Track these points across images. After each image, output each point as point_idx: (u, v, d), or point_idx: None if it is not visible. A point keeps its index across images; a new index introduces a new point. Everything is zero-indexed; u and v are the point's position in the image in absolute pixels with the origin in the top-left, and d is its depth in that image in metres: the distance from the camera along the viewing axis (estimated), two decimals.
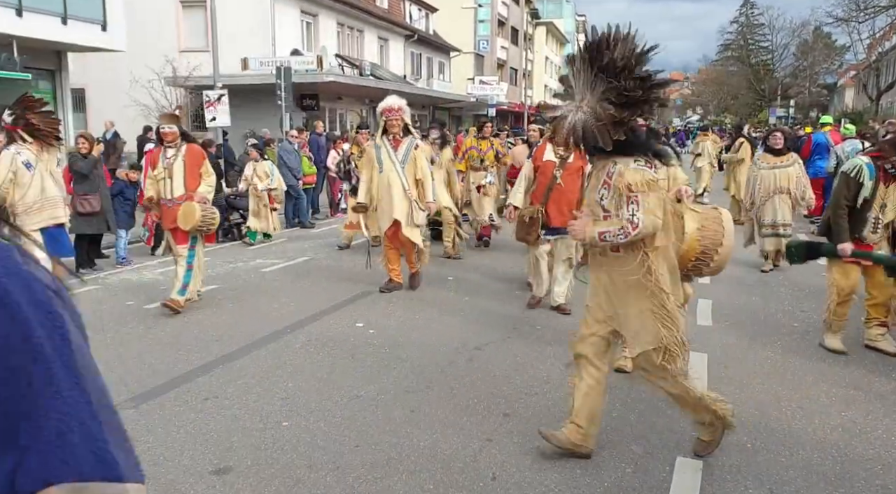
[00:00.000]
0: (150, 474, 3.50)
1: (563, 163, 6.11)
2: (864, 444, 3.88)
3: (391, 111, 7.05)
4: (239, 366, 5.13)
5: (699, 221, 3.97)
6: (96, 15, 15.11)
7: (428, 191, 7.21)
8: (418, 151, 7.18)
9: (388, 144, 7.12)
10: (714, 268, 4.07)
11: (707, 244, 3.95)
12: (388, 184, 7.10)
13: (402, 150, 7.13)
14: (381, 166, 7.12)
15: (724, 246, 3.96)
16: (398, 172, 7.10)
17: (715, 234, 3.95)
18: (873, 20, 28.37)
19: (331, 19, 24.88)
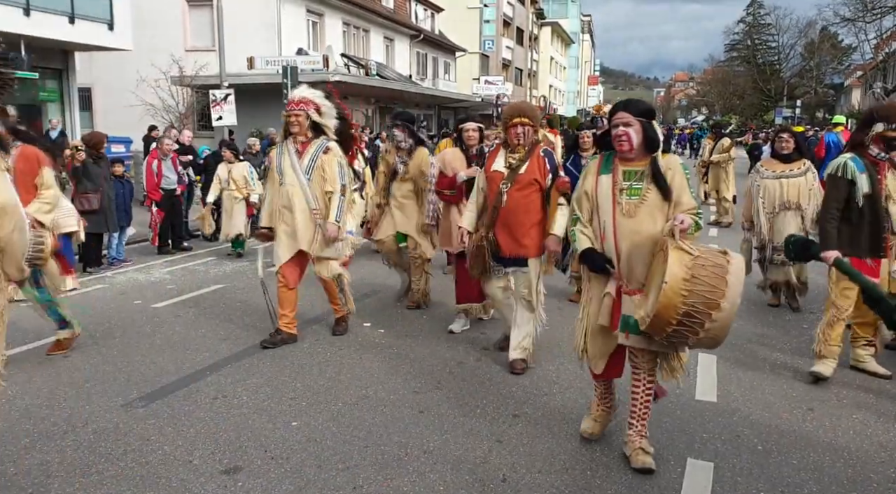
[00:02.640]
0: (160, 474, 3.51)
1: (513, 175, 4.75)
2: (876, 447, 3.86)
3: (290, 104, 5.47)
4: (247, 366, 5.13)
5: (690, 268, 3.02)
6: (103, 14, 15.14)
7: (332, 208, 5.42)
8: (328, 157, 5.44)
9: (291, 149, 5.49)
10: (705, 339, 3.12)
11: (696, 303, 3.00)
12: (289, 200, 5.44)
13: (308, 157, 5.43)
14: (283, 177, 5.47)
15: (722, 309, 3.00)
16: (302, 185, 5.42)
17: (712, 291, 3.00)
18: (880, 20, 28.29)
19: (336, 19, 24.90)
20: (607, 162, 3.52)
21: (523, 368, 4.92)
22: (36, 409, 4.31)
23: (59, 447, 3.81)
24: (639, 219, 3.36)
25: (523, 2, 47.66)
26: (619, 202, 3.40)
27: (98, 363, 5.21)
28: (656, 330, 3.14)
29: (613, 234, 3.42)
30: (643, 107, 3.45)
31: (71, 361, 5.25)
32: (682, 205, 3.34)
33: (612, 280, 3.49)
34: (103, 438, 3.91)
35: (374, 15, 27.04)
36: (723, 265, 3.06)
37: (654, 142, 3.38)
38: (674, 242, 3.11)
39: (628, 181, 3.40)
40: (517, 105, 4.99)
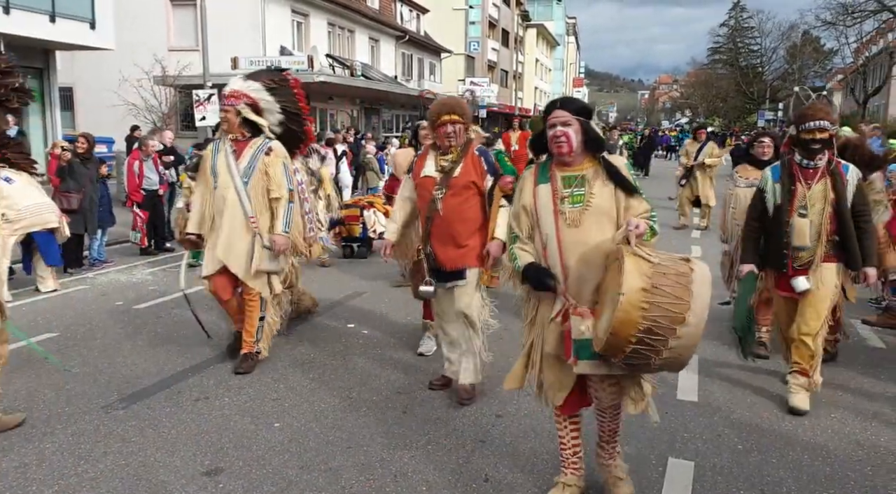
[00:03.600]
0: (141, 475, 3.48)
1: (447, 180, 4.25)
2: (854, 445, 3.90)
3: (224, 98, 4.89)
4: (230, 367, 5.09)
5: (650, 277, 2.66)
6: (85, 13, 15.00)
7: (280, 217, 4.88)
8: (271, 159, 4.86)
9: (228, 148, 4.88)
10: (670, 360, 2.72)
11: (658, 317, 2.62)
12: (222, 206, 4.86)
13: (247, 158, 4.84)
14: (216, 180, 4.87)
15: (687, 324, 2.63)
16: (238, 190, 4.81)
17: (675, 303, 2.63)
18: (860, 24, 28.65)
19: (321, 19, 24.83)
20: (543, 170, 3.15)
21: (471, 396, 4.39)
22: (14, 411, 4.26)
23: (37, 449, 3.77)
24: (584, 229, 2.99)
25: (509, 3, 47.80)
26: (562, 211, 3.02)
27: (78, 364, 5.16)
28: (613, 351, 2.73)
29: (558, 248, 3.02)
30: (580, 104, 3.11)
31: (51, 363, 5.19)
32: (633, 208, 3.00)
33: (558, 301, 3.07)
34: (83, 440, 3.88)
35: (360, 15, 27.01)
36: (686, 273, 2.69)
37: (598, 141, 3.06)
38: (629, 249, 2.74)
39: (569, 188, 3.04)
40: (445, 101, 4.43)
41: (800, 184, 4.26)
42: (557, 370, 3.15)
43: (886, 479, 3.52)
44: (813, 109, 4.26)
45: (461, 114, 4.26)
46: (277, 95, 5.02)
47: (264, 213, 4.91)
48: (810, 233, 4.21)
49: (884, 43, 32.56)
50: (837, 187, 4.19)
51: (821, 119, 4.14)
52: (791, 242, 4.26)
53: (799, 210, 4.22)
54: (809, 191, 4.23)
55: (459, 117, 4.24)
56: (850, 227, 4.19)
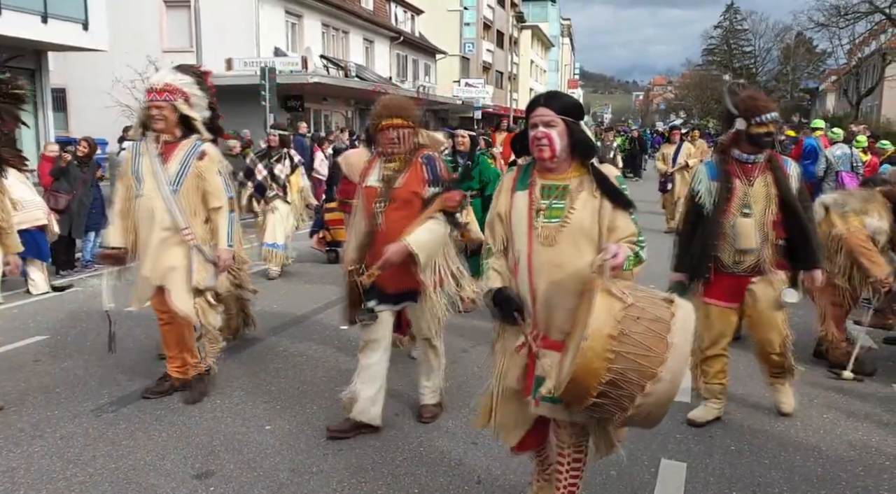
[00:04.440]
0: (131, 478, 3.46)
1: (388, 191, 3.78)
2: (846, 446, 3.91)
3: (150, 93, 4.28)
4: (221, 370, 5.06)
5: (620, 322, 2.28)
6: (78, 14, 14.93)
7: (222, 229, 4.36)
8: (205, 163, 4.31)
9: (153, 150, 4.32)
10: (637, 418, 2.36)
11: (625, 370, 2.26)
12: (149, 216, 4.29)
13: (177, 162, 4.28)
14: (140, 186, 4.29)
15: (659, 380, 2.25)
16: (165, 198, 4.25)
17: (646, 355, 2.26)
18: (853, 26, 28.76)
19: (315, 20, 24.81)
20: (525, 175, 2.75)
21: (435, 414, 4.19)
22: (3, 415, 4.23)
23: (25, 453, 3.74)
24: (559, 249, 2.60)
25: (503, 5, 47.84)
26: (536, 226, 2.63)
27: (69, 367, 5.13)
28: (574, 400, 2.41)
29: (528, 268, 2.65)
30: (569, 102, 2.67)
31: (41, 366, 5.16)
32: (617, 230, 2.59)
33: (525, 328, 2.73)
34: (72, 443, 3.85)
35: (354, 16, 27.00)
36: (664, 319, 2.30)
37: (586, 146, 2.64)
38: (602, 283, 2.36)
39: (548, 199, 2.65)
40: (388, 102, 3.87)
41: (739, 182, 3.86)
42: (515, 407, 2.82)
43: (878, 479, 3.53)
44: (762, 101, 3.88)
45: (406, 117, 3.79)
46: (203, 90, 4.52)
47: (198, 224, 4.35)
48: (755, 234, 3.84)
49: (876, 44, 32.72)
50: (781, 182, 3.84)
51: (771, 110, 3.84)
52: (735, 245, 3.86)
53: (742, 209, 3.84)
54: (751, 188, 3.85)
55: (404, 121, 3.77)
56: (801, 224, 3.86)
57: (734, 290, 3.97)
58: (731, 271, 3.92)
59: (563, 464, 2.80)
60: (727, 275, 3.93)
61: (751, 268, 3.90)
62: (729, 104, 3.93)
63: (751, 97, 3.91)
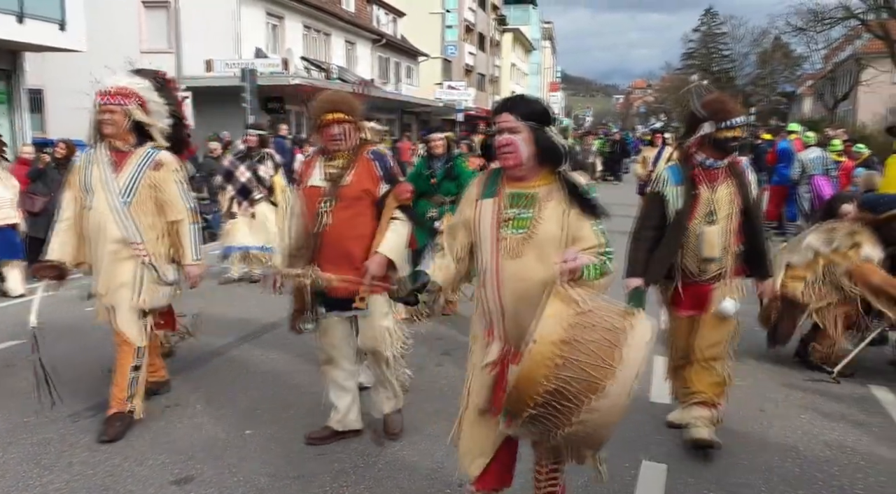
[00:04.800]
0: (108, 485, 3.42)
1: (335, 190, 3.61)
2: (822, 446, 3.96)
3: (102, 96, 3.97)
4: (201, 374, 5.03)
5: (572, 327, 2.17)
6: (54, 14, 14.74)
7: (187, 243, 4.13)
8: (161, 174, 4.03)
9: (104, 159, 4.02)
10: (580, 436, 2.23)
11: (570, 379, 2.11)
12: (98, 229, 3.99)
13: (129, 172, 3.99)
14: (90, 198, 3.99)
15: (606, 394, 2.12)
16: (116, 210, 3.94)
17: (595, 366, 2.13)
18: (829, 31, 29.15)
19: (297, 22, 24.70)
20: (492, 182, 2.62)
21: (399, 424, 3.97)
22: None
23: (0, 460, 3.68)
24: (525, 262, 2.48)
25: (485, 8, 47.98)
26: (502, 237, 2.52)
27: None
28: (514, 409, 2.23)
29: (495, 281, 2.54)
30: (534, 107, 2.55)
31: (16, 370, 5.09)
32: (581, 241, 2.48)
33: (495, 342, 2.61)
34: (48, 449, 3.80)
35: (335, 18, 26.91)
36: (620, 330, 2.16)
37: (553, 153, 2.50)
38: (557, 287, 2.25)
39: (515, 208, 2.53)
40: (329, 97, 3.70)
41: (703, 188, 3.70)
42: (479, 430, 2.66)
43: (852, 478, 3.58)
44: (730, 105, 3.74)
45: (348, 111, 3.62)
46: (163, 96, 4.25)
47: (153, 239, 4.05)
48: (719, 242, 3.70)
49: (851, 49, 33.22)
50: (743, 188, 3.73)
51: (739, 114, 3.72)
52: (701, 253, 3.72)
53: (706, 217, 3.69)
54: (715, 194, 3.70)
55: (346, 115, 3.60)
56: (759, 232, 3.81)
57: (698, 298, 3.83)
58: (696, 280, 3.81)
59: (541, 473, 2.79)
60: (692, 284, 3.81)
61: (713, 277, 3.79)
62: (696, 107, 3.77)
63: (719, 100, 3.79)
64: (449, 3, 40.61)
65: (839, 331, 5.07)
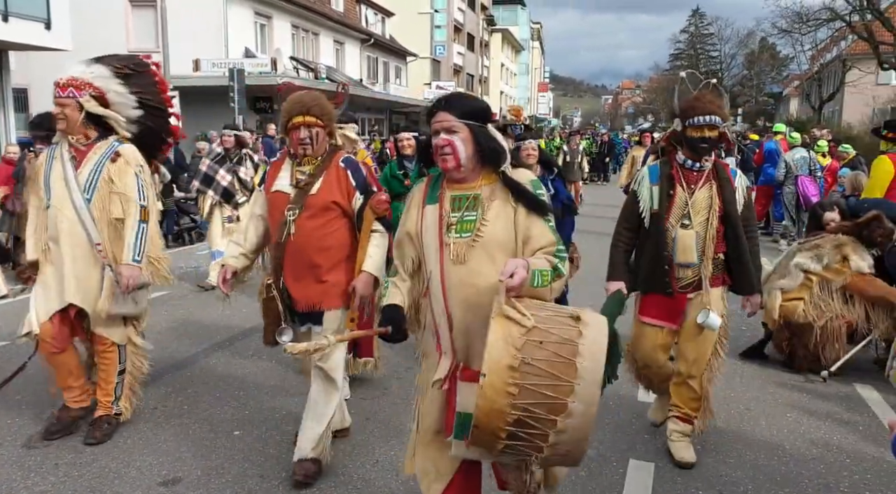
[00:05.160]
0: (95, 487, 3.40)
1: (302, 198, 3.38)
2: (808, 444, 4.00)
3: (59, 89, 3.79)
4: (189, 375, 5.01)
5: (521, 349, 2.00)
6: (40, 12, 14.62)
7: (129, 242, 3.78)
8: (118, 165, 3.80)
9: (65, 155, 3.82)
10: (556, 458, 2.11)
11: (531, 406, 1.98)
12: (57, 229, 3.79)
13: (90, 167, 3.78)
14: (49, 197, 3.80)
15: (571, 413, 1.98)
16: (77, 208, 3.75)
17: (554, 385, 1.98)
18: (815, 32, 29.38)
19: (285, 21, 24.62)
20: (435, 186, 2.49)
21: (314, 472, 3.44)
22: None
23: None
24: (472, 267, 2.33)
25: (474, 8, 48.02)
26: (447, 243, 2.37)
27: (29, 374, 5.00)
28: (485, 446, 2.10)
29: (441, 291, 2.38)
30: (473, 105, 2.42)
31: (3, 373, 5.03)
32: (532, 240, 2.34)
33: (444, 358, 2.44)
34: (33, 452, 3.76)
35: (324, 18, 26.86)
36: (571, 341, 2.02)
37: (494, 152, 2.37)
38: (498, 307, 2.06)
39: (458, 211, 2.38)
40: (299, 98, 3.46)
41: (680, 189, 3.54)
42: (435, 451, 2.48)
43: (838, 476, 3.61)
44: (702, 101, 3.50)
45: (319, 114, 3.39)
46: (133, 85, 3.96)
47: (115, 238, 3.82)
48: (696, 248, 3.51)
49: (837, 51, 33.51)
50: (725, 194, 3.52)
51: (711, 113, 3.43)
52: (674, 258, 3.52)
53: (682, 220, 3.52)
54: (692, 197, 3.52)
55: (316, 119, 3.37)
56: (741, 242, 3.55)
57: (671, 308, 3.61)
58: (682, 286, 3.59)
59: None
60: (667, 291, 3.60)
61: (689, 285, 3.57)
62: (675, 100, 3.65)
63: (694, 97, 3.59)
64: (438, 3, 40.63)
65: (843, 342, 5.09)
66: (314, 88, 4.97)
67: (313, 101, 3.43)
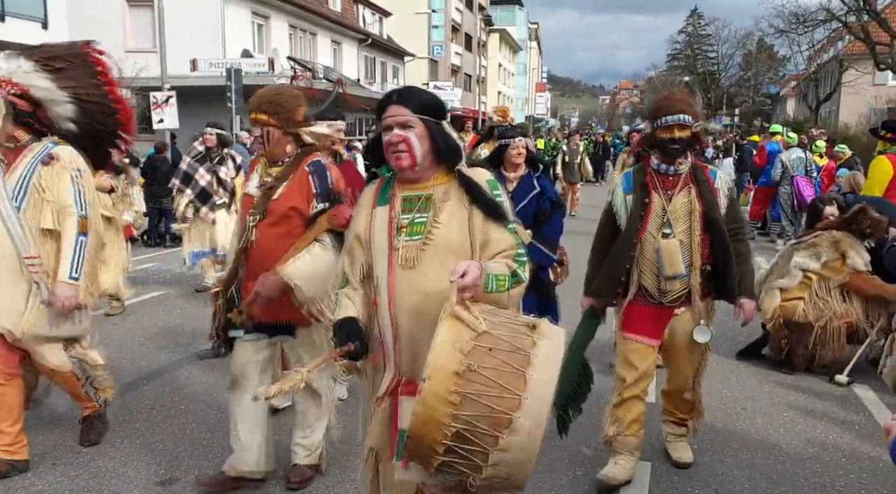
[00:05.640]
0: (92, 486, 3.40)
1: (264, 202, 3.13)
2: (804, 443, 4.01)
3: None
4: (186, 374, 5.01)
5: (468, 354, 1.84)
6: (37, 12, 14.63)
7: (65, 258, 3.39)
8: (51, 170, 3.41)
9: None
10: (497, 478, 1.87)
11: (472, 418, 1.80)
12: None
13: (18, 173, 3.40)
14: None
15: (516, 430, 1.80)
16: (4, 218, 3.34)
17: (499, 397, 1.81)
18: (812, 33, 29.42)
19: (283, 21, 24.63)
20: (386, 187, 2.30)
21: (309, 477, 3.39)
22: None
23: None
24: (423, 272, 2.14)
25: (471, 8, 48.03)
26: (396, 247, 2.19)
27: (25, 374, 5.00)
28: (422, 461, 1.93)
29: (389, 297, 2.19)
30: (428, 99, 2.25)
31: None
32: (491, 244, 2.16)
33: (387, 373, 2.26)
34: (31, 451, 3.73)
35: (321, 18, 26.87)
36: (524, 350, 1.85)
37: (451, 150, 2.21)
38: (449, 308, 1.90)
39: (409, 213, 2.21)
40: (261, 94, 3.18)
41: (657, 196, 3.29)
42: (389, 472, 2.24)
43: (833, 476, 3.63)
44: (671, 100, 3.28)
45: (274, 112, 3.10)
46: (65, 78, 3.51)
47: (50, 251, 3.41)
48: (682, 258, 3.24)
49: (834, 51, 33.57)
50: (706, 197, 3.27)
51: (680, 112, 3.20)
52: (661, 272, 3.26)
53: (663, 230, 3.26)
54: (670, 204, 3.27)
55: (267, 116, 3.10)
56: (727, 247, 3.28)
57: (658, 324, 3.36)
58: (657, 302, 3.33)
59: None
60: (651, 307, 3.34)
61: (678, 298, 3.32)
62: (647, 102, 3.61)
63: (664, 96, 3.35)
64: (435, 3, 40.65)
65: (842, 342, 5.08)
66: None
67: (271, 98, 3.14)
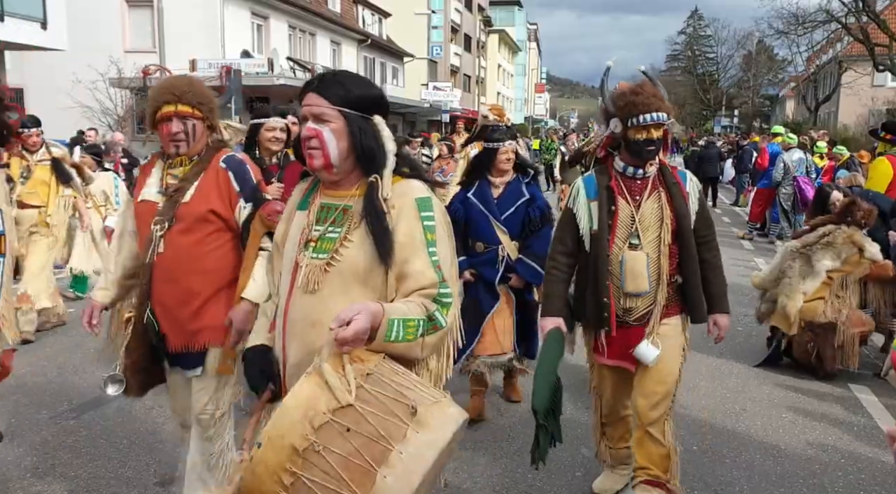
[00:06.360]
0: (91, 487, 3.40)
1: (172, 207, 2.67)
2: (804, 444, 4.02)
3: None
4: None
5: (319, 429, 1.50)
6: (36, 12, 14.60)
7: None
8: None
9: None
10: None
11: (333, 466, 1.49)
12: None
13: None
14: None
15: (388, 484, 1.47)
16: None
17: (373, 442, 1.49)
18: (811, 34, 29.47)
19: (282, 22, 24.63)
20: (313, 188, 1.98)
21: None
22: None
23: None
24: (321, 299, 1.81)
25: (471, 9, 48.07)
26: (301, 264, 1.86)
27: (25, 374, 5.00)
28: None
29: (283, 323, 1.90)
30: (356, 91, 1.87)
31: None
32: (409, 280, 1.78)
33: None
34: (30, 453, 3.76)
35: (321, 18, 26.88)
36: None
37: (369, 152, 1.85)
38: (318, 364, 1.56)
39: (322, 224, 1.88)
40: (171, 82, 2.74)
41: (624, 202, 2.93)
42: None
43: (832, 476, 3.63)
44: (644, 96, 2.85)
45: (198, 102, 2.68)
46: None
47: None
48: (648, 272, 2.89)
49: (833, 52, 33.61)
50: (677, 203, 2.92)
51: (656, 110, 2.82)
52: (623, 287, 2.91)
53: (630, 239, 2.91)
54: (639, 211, 2.92)
55: (191, 108, 2.66)
56: (693, 262, 2.95)
57: (627, 345, 2.97)
58: (622, 321, 2.96)
59: None
60: (618, 326, 2.97)
61: (643, 317, 2.95)
62: (606, 98, 3.04)
63: (632, 92, 2.88)
64: (435, 3, 40.66)
65: (857, 347, 5.01)
66: None
67: (188, 86, 2.70)
